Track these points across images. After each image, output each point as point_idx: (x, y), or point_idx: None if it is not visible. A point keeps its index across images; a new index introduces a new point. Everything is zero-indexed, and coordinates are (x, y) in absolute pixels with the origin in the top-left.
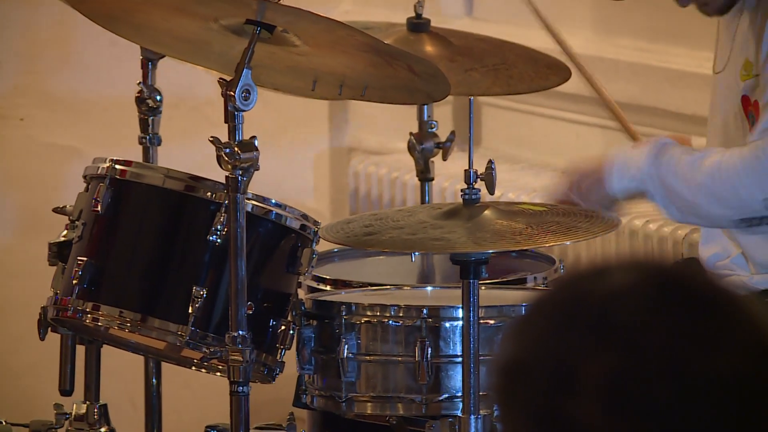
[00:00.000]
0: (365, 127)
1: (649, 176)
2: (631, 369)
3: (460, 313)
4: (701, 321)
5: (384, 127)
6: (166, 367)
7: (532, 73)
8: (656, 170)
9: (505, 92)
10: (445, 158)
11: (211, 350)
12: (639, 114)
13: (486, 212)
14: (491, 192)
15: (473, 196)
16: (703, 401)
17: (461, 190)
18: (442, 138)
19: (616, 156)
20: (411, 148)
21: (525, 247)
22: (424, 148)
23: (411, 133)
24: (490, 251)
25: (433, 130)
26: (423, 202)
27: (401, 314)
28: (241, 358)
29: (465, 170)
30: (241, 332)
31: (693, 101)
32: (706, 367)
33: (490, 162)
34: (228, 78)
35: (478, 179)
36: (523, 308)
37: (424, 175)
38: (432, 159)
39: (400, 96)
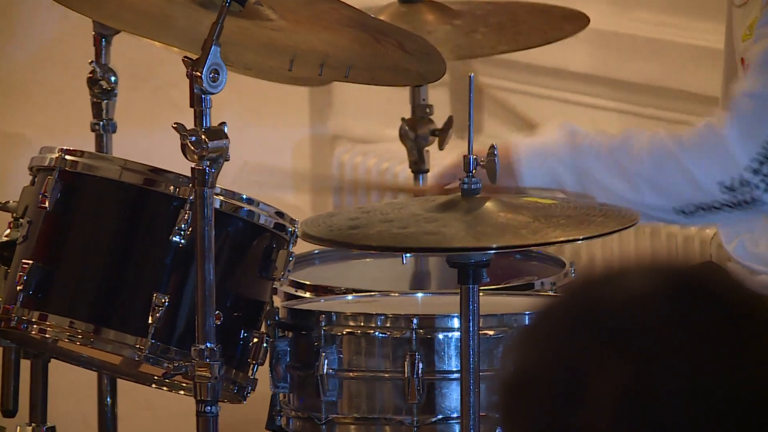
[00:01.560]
0: (351, 112)
1: (569, 166)
2: (646, 383)
3: (456, 322)
4: (724, 332)
5: (372, 112)
6: (122, 384)
7: (544, 25)
8: (575, 160)
9: (512, 49)
10: (441, 147)
11: (174, 365)
12: (659, 97)
13: (487, 204)
14: (493, 181)
15: (473, 186)
16: (722, 420)
17: (459, 179)
18: (439, 124)
19: (522, 143)
20: (403, 136)
21: (531, 244)
22: (418, 135)
23: (403, 119)
24: (492, 251)
25: (428, 115)
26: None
27: (389, 324)
28: (208, 375)
29: (464, 156)
30: (208, 345)
31: (720, 82)
32: (728, 383)
33: (493, 147)
34: (194, 57)
35: (479, 167)
36: (528, 317)
37: (418, 166)
38: (427, 148)
39: (390, 77)
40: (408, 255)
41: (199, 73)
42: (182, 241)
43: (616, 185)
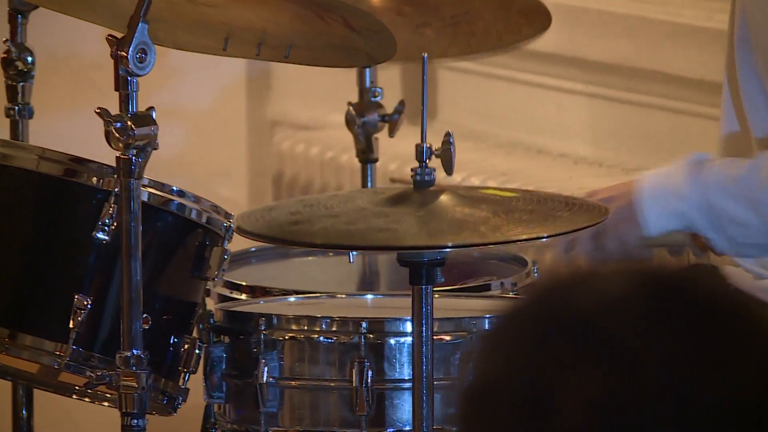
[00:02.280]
0: (292, 96)
1: (697, 205)
2: (620, 392)
3: (408, 326)
4: (706, 338)
5: (315, 96)
6: (40, 395)
7: (502, 26)
8: (703, 195)
9: (465, 53)
10: (392, 134)
11: (98, 374)
12: (633, 79)
13: (442, 197)
14: (449, 172)
15: (426, 178)
16: None
17: (412, 170)
18: (389, 109)
19: (645, 183)
20: (349, 122)
21: (491, 242)
22: (366, 121)
23: (349, 104)
24: (447, 248)
25: (378, 99)
26: (365, 188)
27: (335, 328)
28: (135, 384)
29: (417, 145)
30: (135, 351)
31: (701, 63)
32: (709, 394)
33: (448, 134)
34: (119, 35)
35: (433, 156)
36: (488, 321)
37: (366, 155)
38: (376, 135)
39: (335, 57)
40: (355, 253)
41: (124, 53)
42: (106, 237)
43: (750, 220)
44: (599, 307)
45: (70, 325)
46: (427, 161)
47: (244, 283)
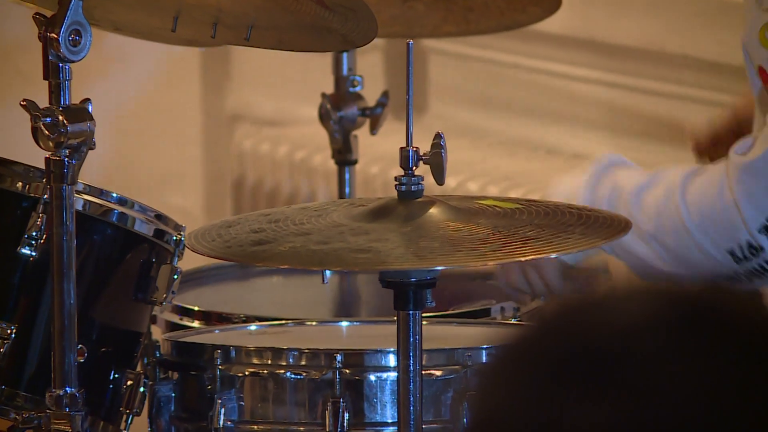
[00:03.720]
0: (254, 86)
1: None
2: (628, 423)
3: (392, 359)
4: (728, 367)
5: (282, 86)
6: None
7: (503, 2)
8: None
9: (462, 32)
10: (373, 131)
11: (24, 416)
12: (658, 65)
13: (432, 211)
14: (439, 181)
15: (413, 187)
16: None
17: (396, 179)
18: (370, 102)
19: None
20: (324, 117)
21: (490, 263)
22: (344, 116)
23: (323, 95)
24: (438, 268)
25: (357, 89)
26: (341, 195)
27: (304, 362)
28: (68, 428)
29: (401, 148)
30: (68, 389)
31: (738, 46)
32: (738, 426)
33: (438, 136)
34: (48, 13)
35: (421, 161)
36: (486, 353)
37: (344, 156)
38: (355, 132)
39: (305, 40)
40: (329, 272)
41: (55, 35)
42: (33, 253)
43: (634, 246)
44: (615, 336)
45: None
46: (414, 168)
47: (196, 308)
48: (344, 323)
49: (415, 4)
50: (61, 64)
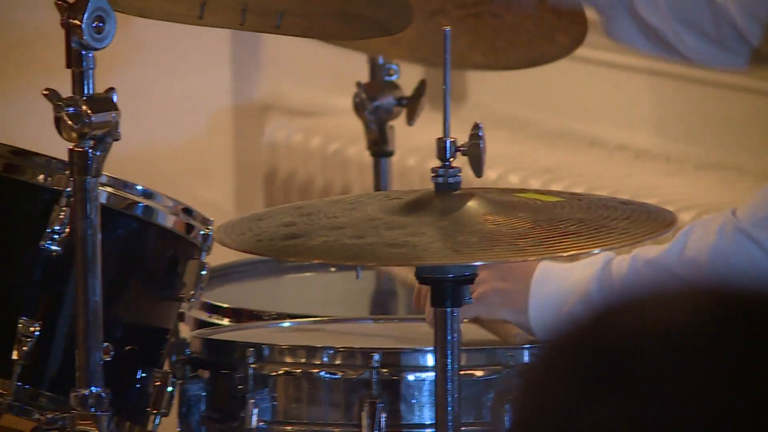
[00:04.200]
0: (286, 75)
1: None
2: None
3: (430, 359)
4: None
5: (315, 75)
6: None
7: (533, 27)
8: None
9: (488, 59)
10: (410, 121)
11: (48, 417)
12: None
13: (470, 204)
14: (478, 173)
15: (450, 179)
16: None
17: (432, 170)
18: (407, 91)
19: (547, 272)
20: (359, 106)
21: (530, 258)
22: (379, 106)
23: (358, 84)
24: (477, 263)
25: (393, 78)
26: (377, 188)
27: (340, 361)
28: (94, 429)
29: (438, 139)
30: (93, 389)
31: None
32: None
33: (477, 127)
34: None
35: (459, 152)
36: (528, 352)
37: (379, 147)
38: (391, 123)
39: (338, 28)
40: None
41: (78, 22)
42: (57, 248)
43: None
44: (650, 339)
45: (14, 357)
46: (452, 159)
47: (226, 306)
48: (381, 322)
49: (440, 18)
50: (84, 52)
